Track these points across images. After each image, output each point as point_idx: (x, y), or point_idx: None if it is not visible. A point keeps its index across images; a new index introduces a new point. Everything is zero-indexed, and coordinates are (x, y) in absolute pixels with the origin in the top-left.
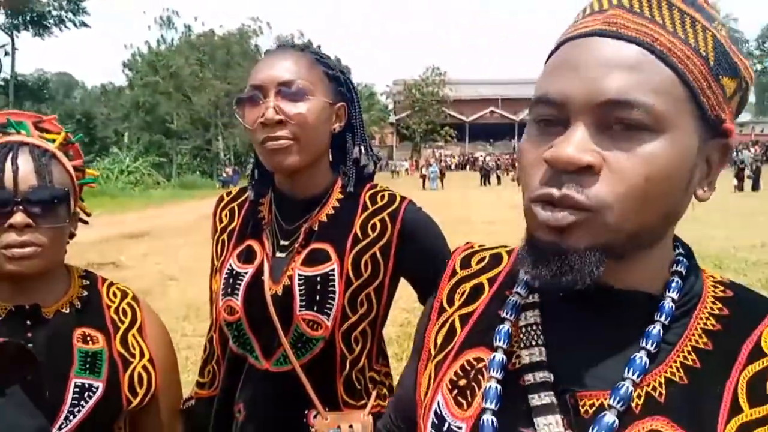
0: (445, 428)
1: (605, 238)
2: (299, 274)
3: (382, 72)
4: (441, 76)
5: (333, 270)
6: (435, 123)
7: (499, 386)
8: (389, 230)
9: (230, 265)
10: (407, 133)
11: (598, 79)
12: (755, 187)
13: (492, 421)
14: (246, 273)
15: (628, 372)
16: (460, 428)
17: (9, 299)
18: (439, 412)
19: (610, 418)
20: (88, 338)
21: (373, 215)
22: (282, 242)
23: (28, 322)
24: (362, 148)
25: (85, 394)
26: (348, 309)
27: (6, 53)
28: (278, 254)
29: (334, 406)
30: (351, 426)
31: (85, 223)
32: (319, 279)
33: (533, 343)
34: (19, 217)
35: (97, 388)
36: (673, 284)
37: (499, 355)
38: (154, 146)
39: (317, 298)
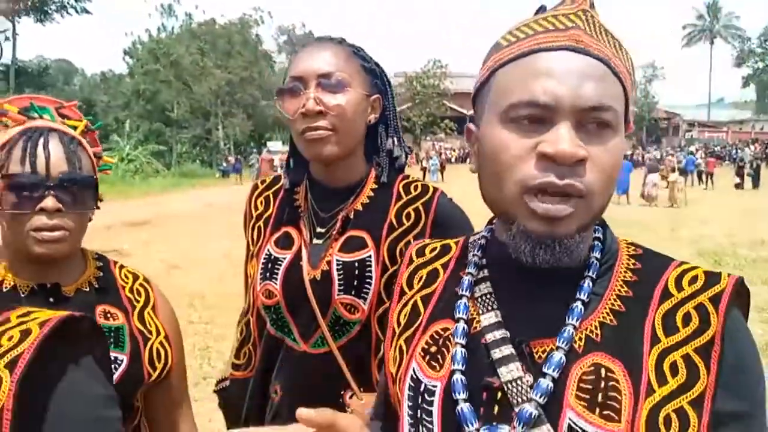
0: (421, 389)
1: (589, 218)
2: (337, 260)
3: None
4: (442, 69)
5: (370, 256)
6: (435, 116)
7: (464, 350)
8: (423, 219)
9: (268, 250)
10: (408, 126)
11: (579, 86)
12: (755, 184)
13: (461, 379)
14: (284, 258)
15: (569, 319)
16: (435, 386)
17: (30, 279)
18: (415, 376)
19: (558, 356)
20: (109, 315)
21: (407, 205)
22: (318, 229)
23: (51, 300)
24: (395, 139)
25: (111, 367)
26: (384, 294)
27: (6, 38)
28: (315, 241)
29: (369, 387)
30: None
31: (98, 208)
32: (356, 264)
33: (489, 308)
34: (50, 202)
35: (122, 361)
36: (596, 247)
37: (461, 325)
38: (153, 134)
39: (355, 282)
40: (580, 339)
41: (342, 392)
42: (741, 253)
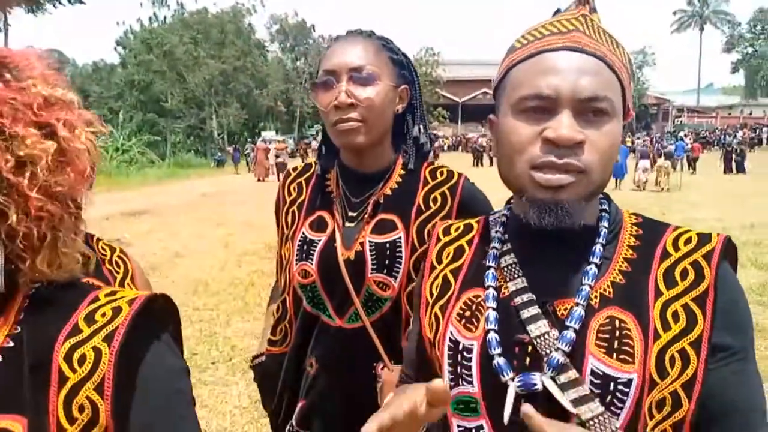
0: (460, 348)
1: (589, 190)
2: (370, 241)
3: None
4: (434, 57)
5: (400, 238)
6: (428, 104)
7: (495, 312)
8: (449, 203)
9: (303, 233)
10: None
11: (577, 80)
12: (739, 169)
13: (495, 337)
14: (319, 240)
15: (585, 280)
16: (472, 345)
17: None
18: (453, 338)
19: (578, 311)
20: None
21: (434, 189)
22: (350, 213)
23: None
24: (421, 127)
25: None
26: (413, 272)
27: None
28: (347, 224)
29: (399, 359)
30: None
31: (89, 189)
32: (387, 245)
33: (515, 276)
34: None
35: None
36: (603, 217)
37: (491, 291)
38: (147, 125)
39: (386, 262)
40: (596, 297)
41: (374, 364)
42: (732, 236)
